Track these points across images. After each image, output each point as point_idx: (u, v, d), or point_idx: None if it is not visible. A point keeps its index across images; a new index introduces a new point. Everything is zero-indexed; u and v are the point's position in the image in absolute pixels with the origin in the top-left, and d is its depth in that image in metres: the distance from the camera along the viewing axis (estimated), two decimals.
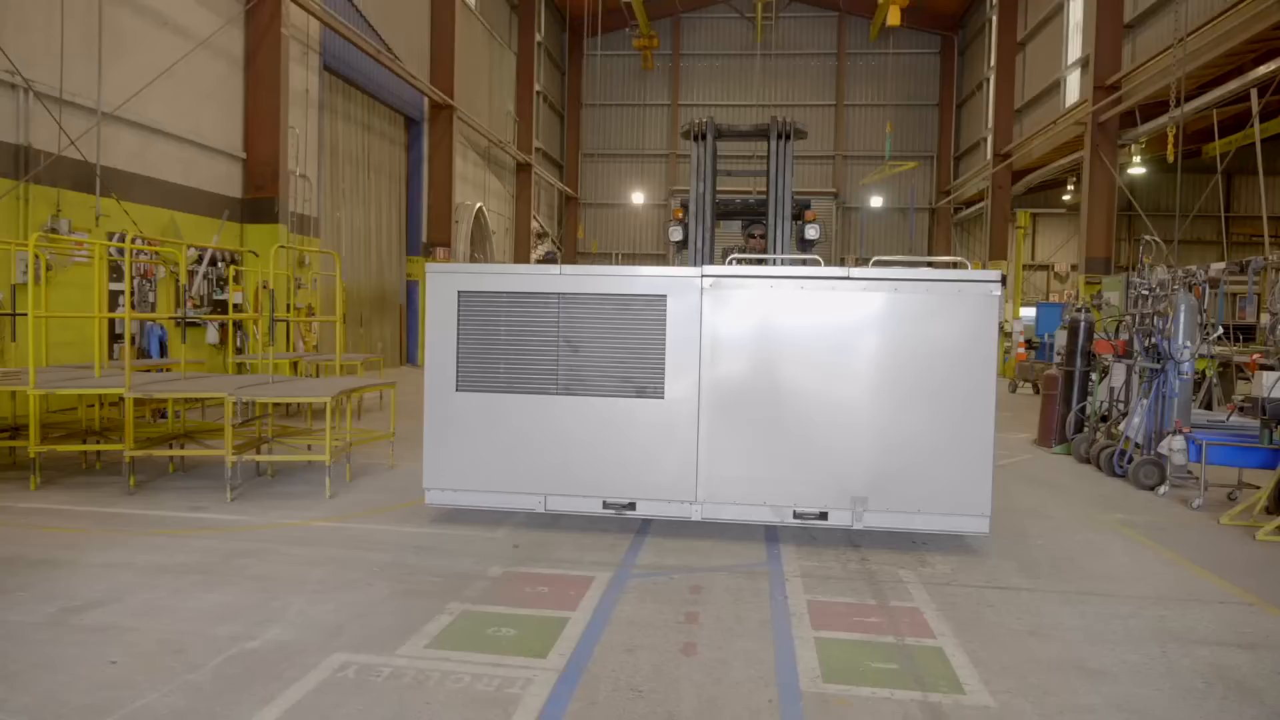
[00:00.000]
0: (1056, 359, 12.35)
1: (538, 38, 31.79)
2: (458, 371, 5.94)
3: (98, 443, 7.65)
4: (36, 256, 8.42)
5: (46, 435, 7.41)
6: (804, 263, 7.12)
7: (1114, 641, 4.19)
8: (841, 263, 35.24)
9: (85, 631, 3.94)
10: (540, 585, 4.77)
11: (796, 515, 5.59)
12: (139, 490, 6.92)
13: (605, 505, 5.81)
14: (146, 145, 11.36)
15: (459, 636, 3.99)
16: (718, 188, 8.41)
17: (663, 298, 5.68)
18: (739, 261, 7.71)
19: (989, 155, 28.99)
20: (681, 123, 38.46)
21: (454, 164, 22.20)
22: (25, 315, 8.40)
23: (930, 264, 7.22)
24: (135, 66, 10.93)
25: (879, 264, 5.75)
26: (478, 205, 24.33)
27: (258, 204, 13.64)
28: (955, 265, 5.52)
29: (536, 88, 31.84)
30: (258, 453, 7.42)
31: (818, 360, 5.57)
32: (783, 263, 7.63)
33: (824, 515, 5.58)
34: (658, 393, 5.70)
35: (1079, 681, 3.70)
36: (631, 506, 5.79)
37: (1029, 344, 20.35)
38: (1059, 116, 23.12)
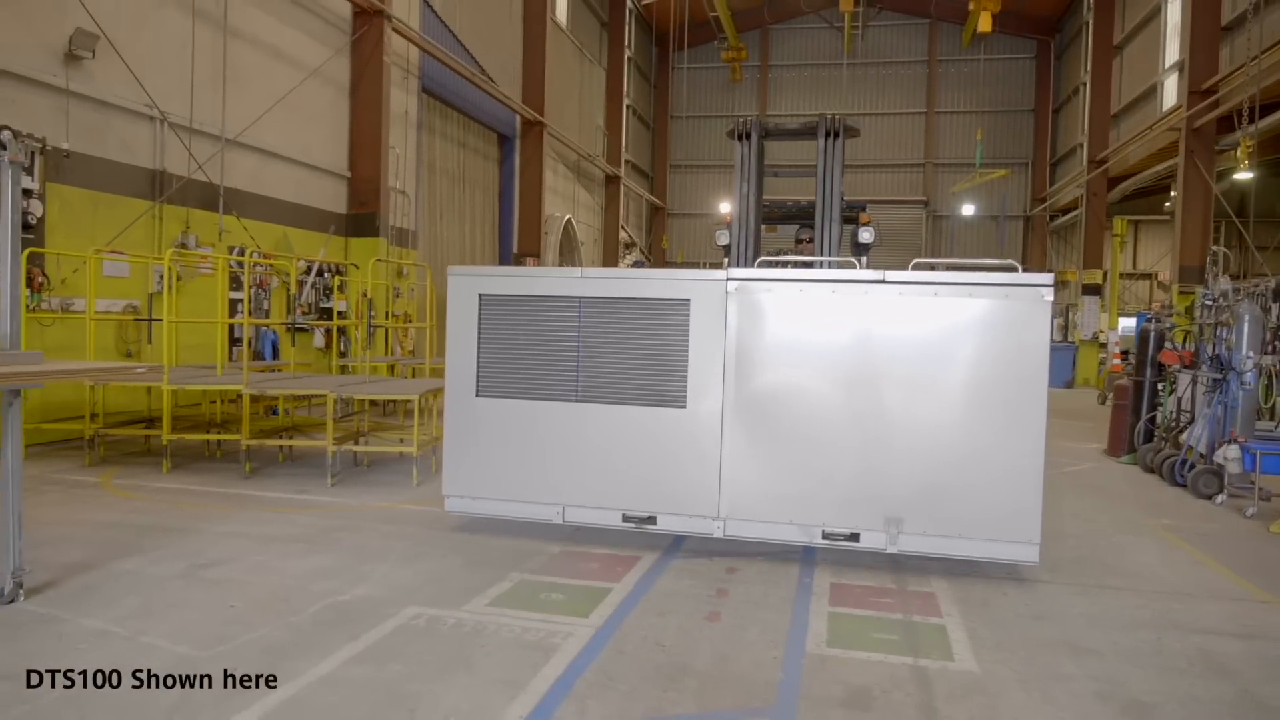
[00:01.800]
0: (1126, 369, 12.28)
1: (627, 54, 32.68)
2: (478, 376, 5.87)
3: (219, 433, 8.63)
4: (169, 268, 9.53)
5: (176, 426, 8.43)
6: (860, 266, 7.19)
7: (1112, 627, 4.51)
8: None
9: (209, 583, 4.73)
10: (592, 562, 5.37)
11: (825, 535, 5.30)
12: (253, 475, 7.84)
13: (625, 518, 5.63)
14: (263, 167, 12.54)
15: (515, 598, 4.62)
16: (775, 192, 8.55)
17: (686, 302, 5.46)
18: (773, 265, 7.46)
19: (1084, 162, 28.35)
20: None
21: (544, 178, 23.17)
22: (160, 320, 9.51)
23: (979, 267, 6.84)
24: (254, 96, 12.10)
25: (920, 267, 5.43)
26: (566, 217, 25.25)
27: (361, 219, 14.76)
28: (1006, 268, 5.25)
29: (626, 102, 32.73)
30: (355, 444, 8.26)
31: (849, 369, 5.26)
32: (827, 267, 7.32)
33: (855, 536, 5.26)
34: (679, 402, 5.48)
35: (1065, 657, 4.07)
36: (652, 520, 5.60)
37: (1125, 355, 19.94)
38: (1155, 122, 22.56)
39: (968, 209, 35.28)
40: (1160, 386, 10.31)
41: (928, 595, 4.94)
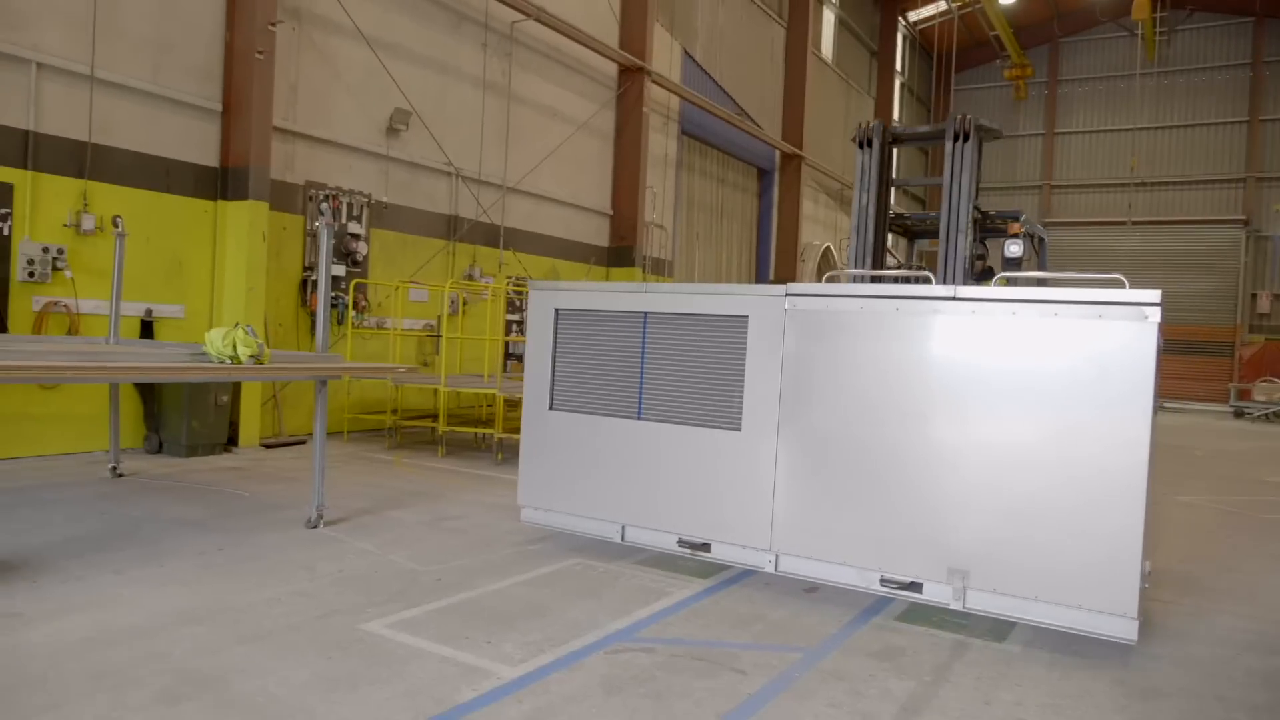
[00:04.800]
0: None
1: (899, 80, 32.73)
2: (551, 390, 5.99)
3: (481, 428, 10.65)
4: (456, 295, 11.81)
5: (451, 420, 10.55)
6: (1018, 282, 6.62)
7: (1194, 641, 4.76)
8: (1253, 300, 31.11)
9: (444, 529, 6.39)
10: None
11: (883, 581, 4.83)
12: (502, 462, 9.69)
13: (680, 543, 5.52)
14: (537, 209, 14.81)
15: (657, 561, 5.78)
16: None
17: (744, 319, 5.25)
18: (870, 279, 7.01)
19: None
20: (1059, 152, 36.72)
21: (801, 207, 24.13)
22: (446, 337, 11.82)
23: (1079, 282, 5.90)
24: (530, 149, 14.40)
25: (1004, 283, 4.91)
26: (825, 245, 25.96)
27: (619, 251, 16.72)
28: (1111, 283, 4.56)
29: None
30: None
31: (913, 397, 4.77)
32: (963, 282, 6.57)
33: (917, 586, 4.76)
34: (735, 425, 5.27)
35: (1116, 653, 4.47)
36: (706, 548, 5.43)
37: None
38: None
39: None
40: None
41: None
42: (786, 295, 5.15)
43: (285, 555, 5.49)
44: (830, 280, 5.29)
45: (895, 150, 7.40)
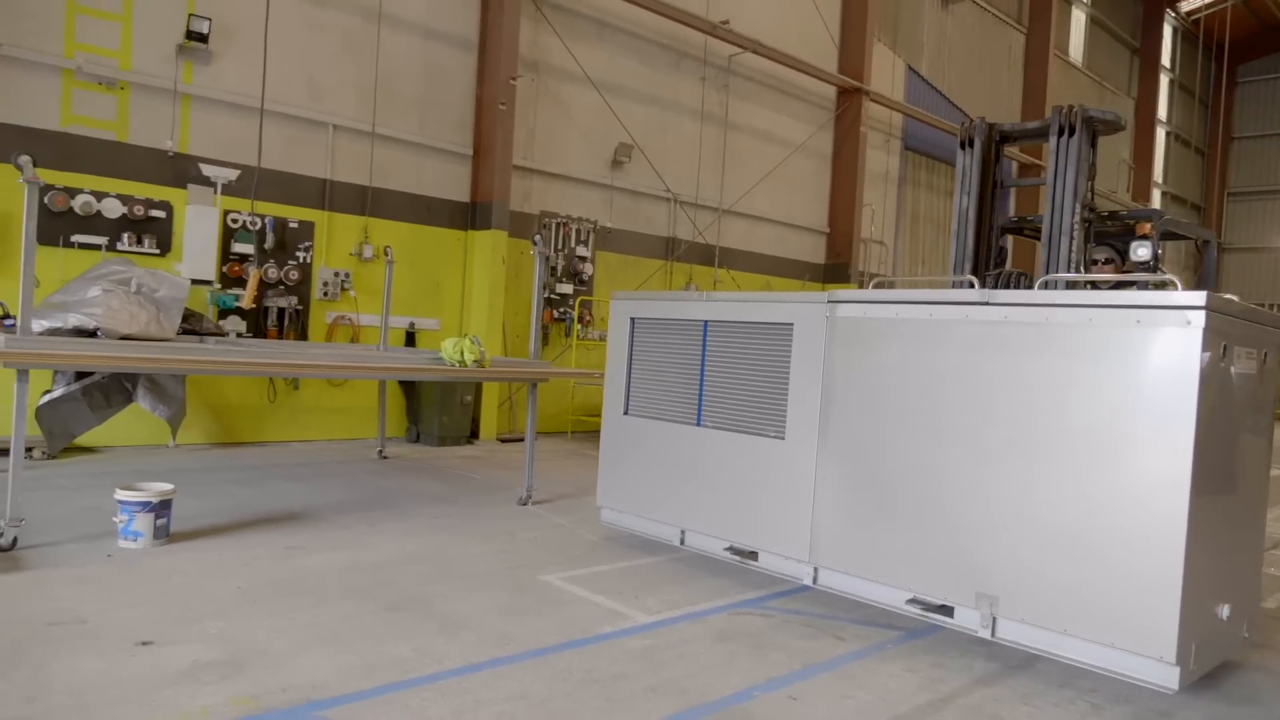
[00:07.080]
0: None
1: (1167, 77, 30.20)
2: (627, 396, 6.21)
3: None
4: None
5: None
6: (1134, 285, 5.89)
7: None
8: None
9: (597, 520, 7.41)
10: None
11: (912, 601, 4.67)
12: None
13: (730, 550, 5.63)
14: (751, 229, 15.66)
15: None
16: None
17: (789, 327, 5.25)
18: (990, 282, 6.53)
19: None
20: None
21: None
22: None
23: (1123, 284, 5.03)
24: (745, 173, 15.29)
25: (1046, 286, 4.67)
26: None
27: (835, 267, 17.16)
28: (1160, 285, 4.02)
29: (1166, 129, 30.22)
30: None
31: (942, 409, 4.55)
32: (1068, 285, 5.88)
33: (948, 610, 4.53)
34: (779, 433, 5.27)
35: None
36: (754, 556, 5.48)
37: None
38: None
39: None
40: None
41: None
42: (828, 302, 5.09)
43: (496, 523, 6.75)
44: (879, 287, 5.33)
45: (1002, 150, 6.61)
